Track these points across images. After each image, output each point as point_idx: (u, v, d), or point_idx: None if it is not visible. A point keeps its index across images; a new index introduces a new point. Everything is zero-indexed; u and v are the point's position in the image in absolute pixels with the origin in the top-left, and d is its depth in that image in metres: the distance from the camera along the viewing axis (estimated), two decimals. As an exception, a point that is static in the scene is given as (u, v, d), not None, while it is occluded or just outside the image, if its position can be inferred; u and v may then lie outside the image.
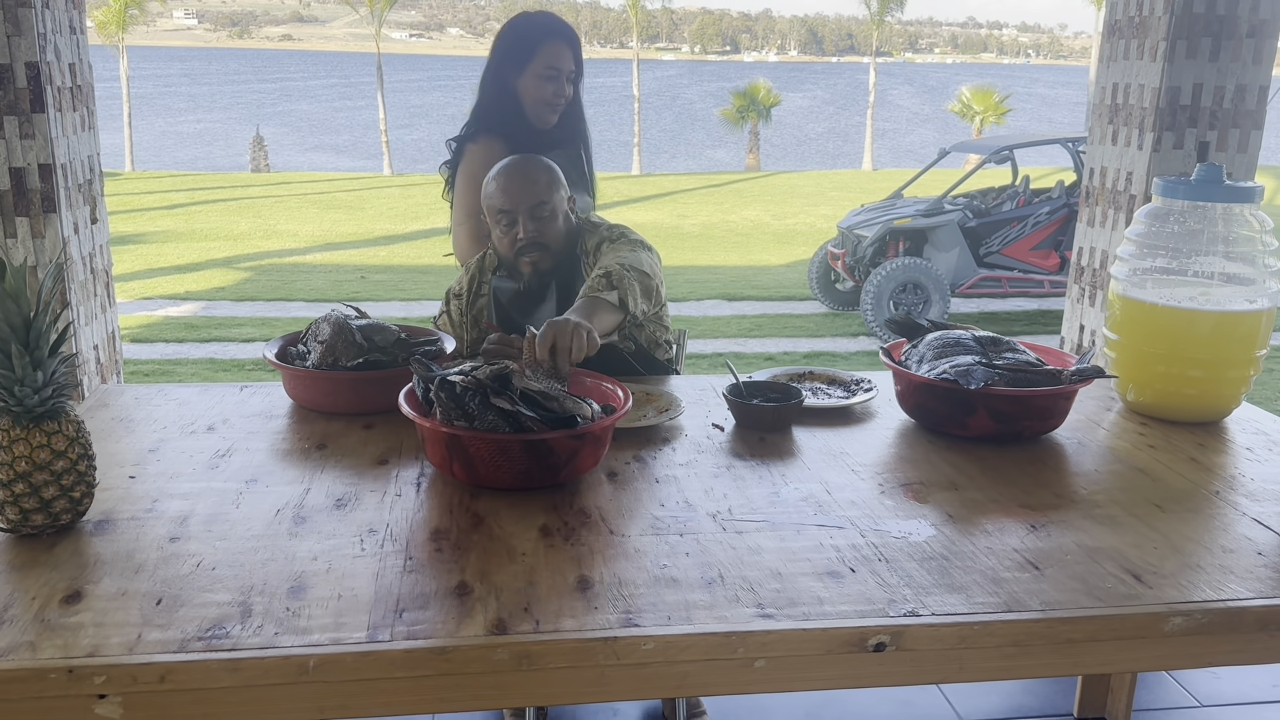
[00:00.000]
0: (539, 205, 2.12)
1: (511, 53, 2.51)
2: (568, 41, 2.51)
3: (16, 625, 1.17)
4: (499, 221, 2.14)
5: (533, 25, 2.53)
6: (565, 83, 2.50)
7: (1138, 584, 1.33)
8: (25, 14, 3.18)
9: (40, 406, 1.35)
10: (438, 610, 1.23)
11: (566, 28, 2.55)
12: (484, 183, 2.21)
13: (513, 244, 2.13)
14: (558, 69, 2.47)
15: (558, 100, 2.50)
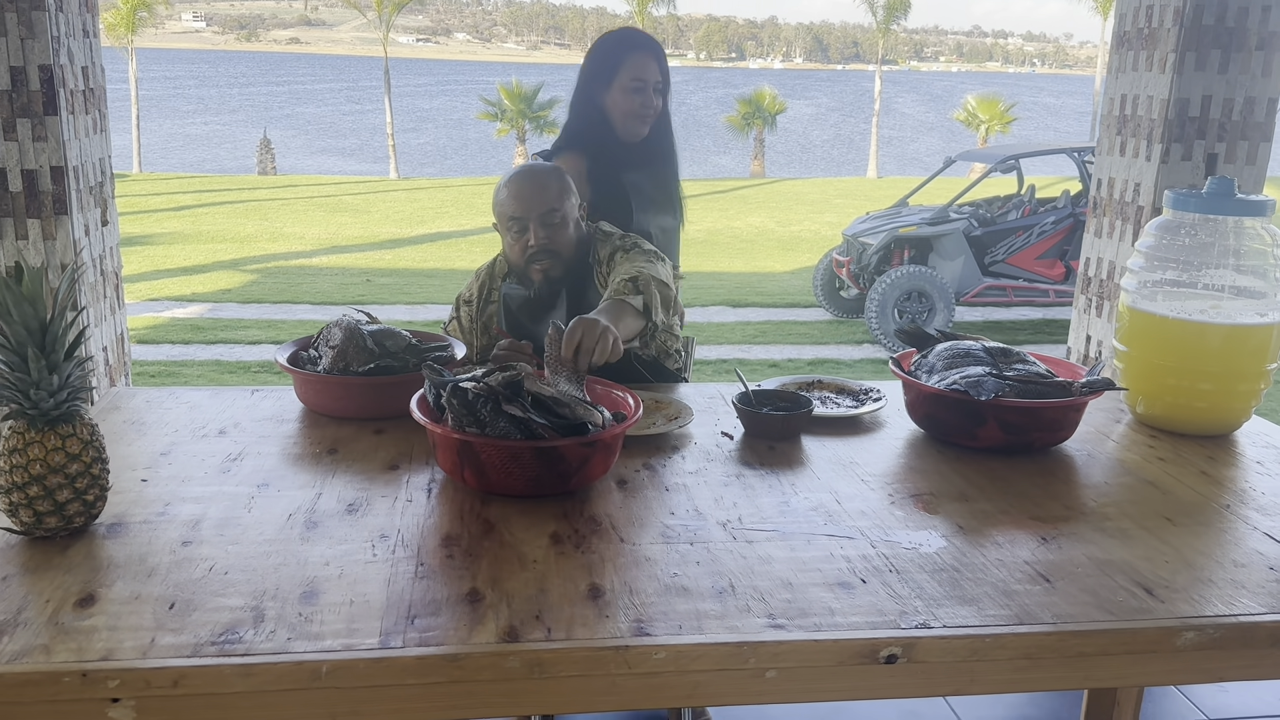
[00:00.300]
0: (550, 212, 2.12)
1: (597, 69, 2.52)
2: (652, 53, 2.51)
3: (30, 628, 1.18)
4: (510, 228, 2.15)
5: (616, 40, 2.55)
6: (652, 94, 2.50)
7: (1149, 598, 1.33)
8: (39, 17, 3.19)
9: (55, 410, 1.36)
10: (449, 617, 1.23)
11: (650, 40, 2.54)
12: (496, 190, 2.22)
13: (524, 251, 2.14)
14: (643, 80, 2.47)
15: (645, 111, 2.50)
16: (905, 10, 26.78)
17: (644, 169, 2.57)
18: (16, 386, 1.34)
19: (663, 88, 2.53)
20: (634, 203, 2.53)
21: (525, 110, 24.59)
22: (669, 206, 2.63)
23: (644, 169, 2.57)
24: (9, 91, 3.23)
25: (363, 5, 27.34)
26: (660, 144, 2.61)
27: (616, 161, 2.53)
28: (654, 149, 2.59)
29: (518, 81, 24.92)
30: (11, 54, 3.22)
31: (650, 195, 2.57)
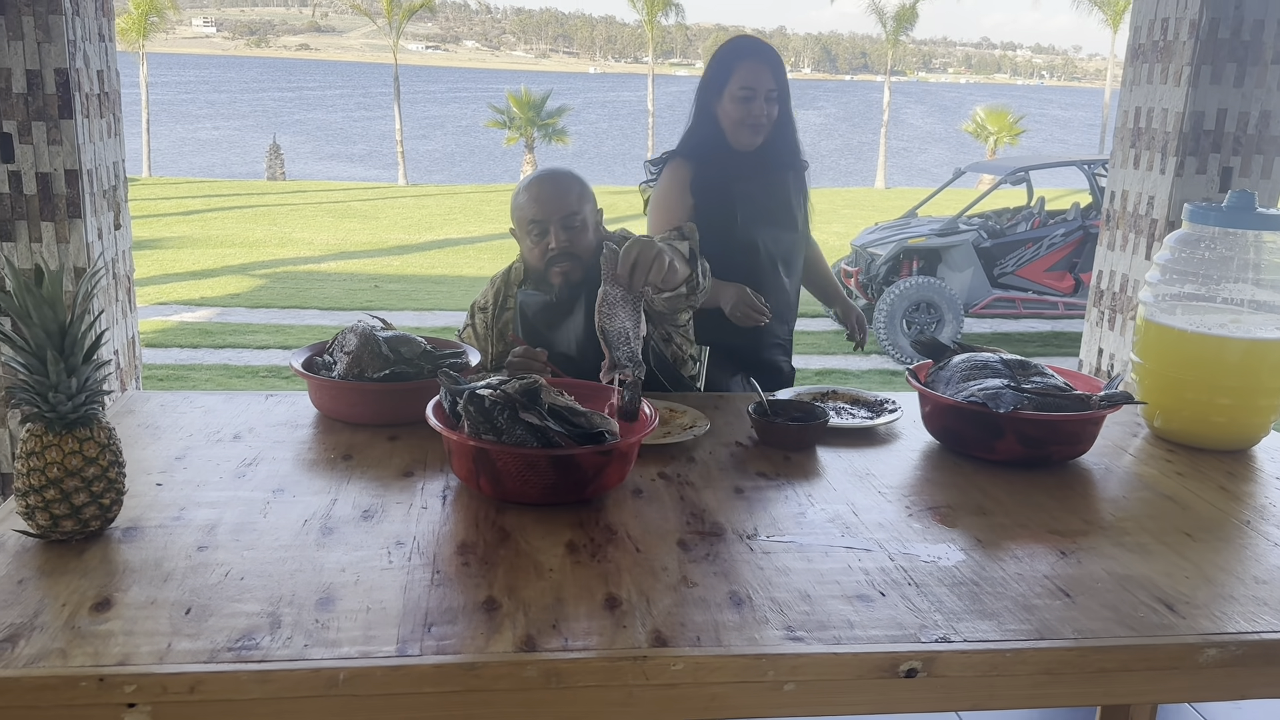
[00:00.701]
0: (570, 215, 2.13)
1: (710, 77, 2.51)
2: (765, 61, 2.47)
3: (47, 632, 1.17)
4: (530, 232, 2.15)
5: (729, 48, 2.53)
6: (763, 102, 2.46)
7: (1170, 614, 1.32)
8: (56, 21, 3.21)
9: (73, 413, 1.35)
10: (466, 625, 1.23)
11: (765, 48, 2.51)
12: (514, 195, 2.22)
13: (543, 254, 2.15)
14: (753, 88, 2.44)
15: (755, 120, 2.46)
16: (914, 21, 26.81)
17: (757, 179, 2.53)
18: (35, 389, 1.34)
19: (777, 96, 2.48)
20: (741, 213, 2.50)
21: (534, 118, 24.65)
22: (785, 218, 2.59)
23: (757, 179, 2.53)
24: (25, 95, 3.25)
25: (372, 12, 27.44)
26: (776, 153, 2.57)
27: (726, 171, 2.50)
28: (769, 158, 2.55)
29: (526, 89, 24.99)
30: (28, 57, 3.23)
31: (763, 205, 2.53)
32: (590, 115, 61.81)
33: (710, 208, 2.49)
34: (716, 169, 2.50)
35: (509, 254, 12.92)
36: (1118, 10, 25.31)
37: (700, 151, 2.52)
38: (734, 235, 2.50)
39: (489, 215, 17.58)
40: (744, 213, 2.50)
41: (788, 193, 2.60)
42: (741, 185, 2.51)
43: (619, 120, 61.88)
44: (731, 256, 2.47)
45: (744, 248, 2.52)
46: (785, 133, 2.56)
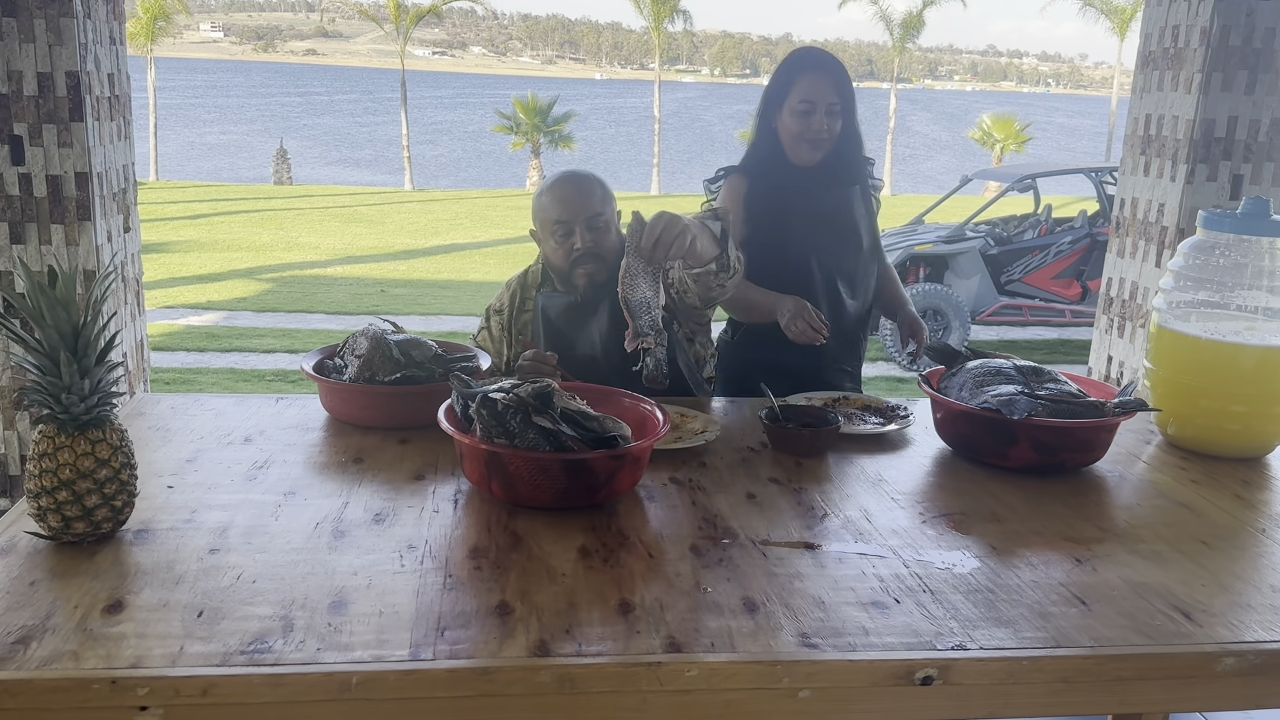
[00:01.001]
0: (595, 217, 2.16)
1: (771, 90, 2.44)
2: (827, 73, 2.39)
3: (59, 634, 1.17)
4: (555, 233, 2.17)
5: (790, 60, 2.45)
6: (823, 116, 2.37)
7: (1187, 622, 1.31)
8: (67, 24, 3.22)
9: (86, 415, 1.35)
10: (479, 630, 1.22)
11: (827, 60, 2.43)
12: (537, 196, 2.23)
13: (568, 254, 2.17)
14: (812, 102, 2.36)
15: (813, 135, 2.38)
16: (920, 29, 26.82)
17: (816, 194, 2.45)
18: (48, 391, 1.34)
19: (840, 109, 2.40)
20: (796, 229, 2.42)
21: (540, 124, 24.69)
22: (846, 236, 2.49)
23: (816, 194, 2.45)
24: (36, 97, 3.26)
25: (380, 18, 27.53)
26: (838, 169, 2.47)
27: (784, 187, 2.43)
28: (830, 174, 2.46)
29: (533, 95, 25.03)
30: (39, 60, 3.24)
31: (822, 222, 2.45)
32: (596, 121, 61.94)
33: (765, 223, 2.43)
34: (773, 183, 2.43)
35: (515, 259, 12.90)
36: (1124, 18, 25.31)
37: (759, 167, 2.46)
38: (788, 252, 2.43)
39: (495, 220, 17.60)
40: (800, 229, 2.43)
41: (851, 209, 2.50)
42: (799, 200, 2.43)
43: (625, 126, 61.98)
44: (786, 274, 2.41)
45: (799, 265, 2.44)
46: (849, 148, 2.48)
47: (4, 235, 3.34)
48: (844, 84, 2.41)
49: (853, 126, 2.46)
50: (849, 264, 2.49)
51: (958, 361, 1.98)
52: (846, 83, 2.42)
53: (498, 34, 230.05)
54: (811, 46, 2.55)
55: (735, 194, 2.46)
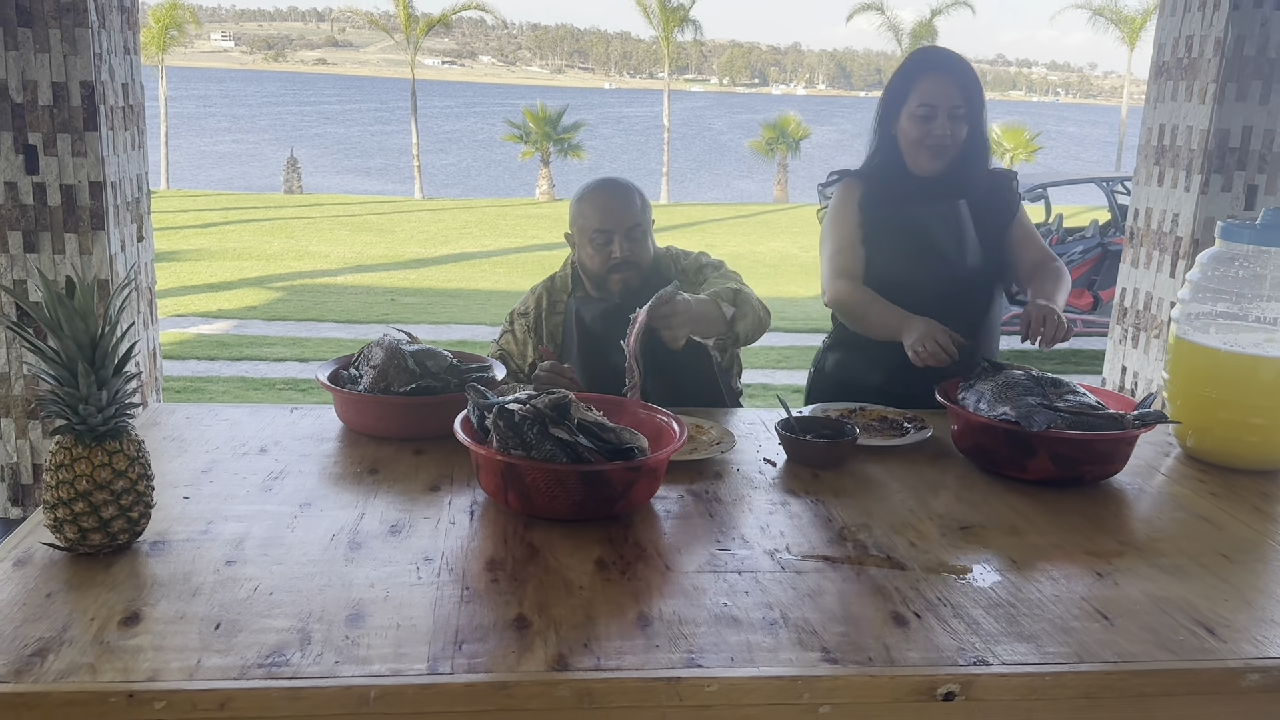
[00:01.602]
0: (634, 227, 2.21)
1: (890, 93, 2.28)
2: (949, 73, 2.20)
3: (76, 646, 1.16)
4: (594, 240, 2.20)
5: (911, 60, 2.28)
6: (945, 121, 2.19)
7: (1211, 637, 1.30)
8: (83, 34, 3.23)
9: (103, 426, 1.35)
10: (497, 643, 1.21)
11: (951, 58, 2.24)
12: (576, 201, 2.24)
13: (605, 261, 2.21)
14: (933, 105, 2.19)
15: (933, 141, 2.21)
16: (930, 38, 26.82)
17: (931, 204, 2.28)
18: (65, 402, 1.34)
19: (965, 114, 2.21)
20: (909, 240, 2.28)
21: (549, 133, 24.75)
22: (959, 249, 2.29)
23: (931, 204, 2.28)
24: (50, 107, 3.27)
25: (390, 27, 27.64)
26: (957, 179, 2.28)
27: (899, 194, 2.28)
28: (947, 184, 2.27)
29: (542, 104, 25.10)
30: (54, 70, 3.25)
31: (936, 234, 2.28)
32: (606, 130, 62.07)
33: (878, 226, 2.30)
34: (890, 191, 2.29)
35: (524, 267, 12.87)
36: (1134, 28, 25.28)
37: (876, 172, 2.32)
38: (894, 265, 2.29)
39: (505, 229, 17.63)
40: (916, 242, 2.28)
41: (959, 225, 2.30)
42: (917, 209, 2.28)
43: (634, 135, 62.11)
44: (888, 287, 2.27)
45: (902, 280, 2.28)
46: (973, 156, 2.27)
47: (18, 244, 3.35)
48: (970, 85, 2.22)
49: (979, 133, 2.27)
50: (948, 284, 2.29)
51: (974, 373, 1.97)
52: (974, 84, 2.23)
53: (507, 43, 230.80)
54: (934, 46, 2.34)
55: (849, 198, 2.32)
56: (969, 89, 2.21)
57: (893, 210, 2.29)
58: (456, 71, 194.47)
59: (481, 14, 25.99)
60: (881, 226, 2.30)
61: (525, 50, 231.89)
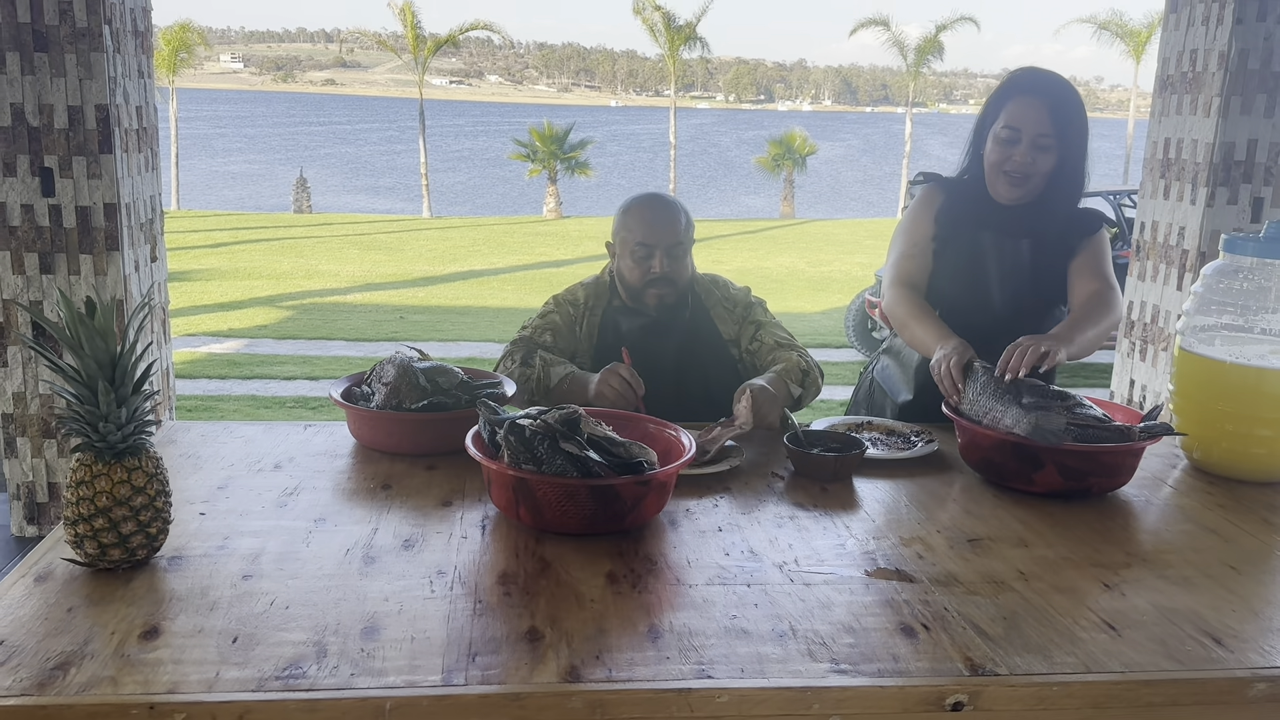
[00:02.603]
0: (676, 245, 2.24)
1: (984, 111, 2.17)
2: (1043, 97, 2.05)
3: (97, 659, 1.19)
4: (636, 253, 2.22)
5: (1010, 79, 2.15)
6: (1028, 148, 2.06)
7: (1218, 647, 1.30)
8: (98, 58, 3.28)
9: (122, 443, 1.37)
10: (510, 655, 1.23)
11: (1048, 81, 2.09)
12: (622, 212, 2.27)
13: (644, 275, 2.23)
14: (1018, 129, 2.06)
15: (1015, 168, 2.08)
16: (934, 53, 26.92)
17: (999, 237, 2.18)
18: (86, 419, 1.36)
19: (1055, 144, 2.06)
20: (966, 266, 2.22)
21: (556, 151, 24.88)
22: (1007, 290, 2.19)
23: (999, 237, 2.18)
24: (66, 130, 3.32)
25: (398, 48, 27.85)
26: (1035, 214, 2.15)
27: (973, 216, 2.19)
28: (1022, 219, 2.15)
29: (549, 123, 25.24)
30: (70, 93, 3.30)
31: (989, 269, 2.20)
32: (613, 147, 62.35)
33: (945, 241, 2.23)
34: (966, 209, 2.20)
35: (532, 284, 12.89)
36: (1139, 42, 25.33)
37: (959, 186, 2.24)
38: (946, 284, 2.24)
39: (512, 247, 17.71)
40: (968, 268, 2.21)
41: (1023, 263, 2.19)
42: (987, 236, 2.20)
43: (641, 152, 62.33)
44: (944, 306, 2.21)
45: (951, 302, 2.23)
46: (1057, 190, 2.13)
47: (35, 265, 3.40)
48: (1065, 113, 2.06)
49: (1072, 168, 2.11)
50: (990, 321, 2.20)
51: (976, 378, 1.96)
52: (1071, 112, 2.07)
53: (514, 63, 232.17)
54: (1033, 67, 2.18)
55: (929, 205, 2.25)
56: (1064, 117, 2.06)
57: (962, 231, 2.22)
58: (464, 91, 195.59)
59: (488, 34, 26.24)
60: (949, 242, 2.23)
61: (532, 69, 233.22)
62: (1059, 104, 2.06)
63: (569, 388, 2.13)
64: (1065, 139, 2.07)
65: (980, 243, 2.21)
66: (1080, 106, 2.11)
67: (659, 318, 2.26)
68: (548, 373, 2.16)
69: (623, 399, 2.02)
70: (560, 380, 2.15)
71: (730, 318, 2.34)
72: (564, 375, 2.15)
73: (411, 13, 24.92)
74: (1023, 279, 2.21)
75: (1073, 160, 2.10)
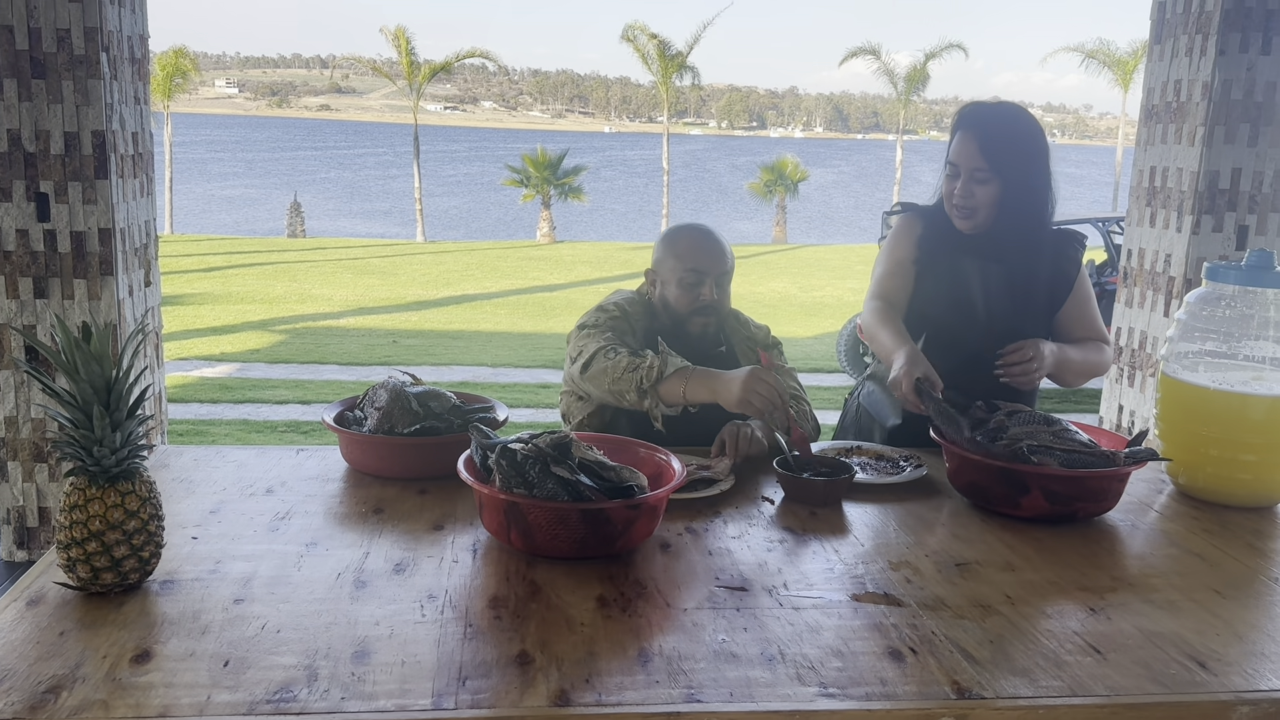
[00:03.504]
0: (724, 275, 2.27)
1: (947, 145, 2.25)
2: (975, 134, 2.16)
3: (89, 683, 1.19)
4: (685, 279, 2.23)
5: (955, 116, 2.27)
6: (969, 182, 2.16)
7: (1202, 671, 1.32)
8: (95, 85, 3.31)
9: (116, 467, 1.38)
10: (500, 679, 1.24)
11: (983, 117, 2.20)
12: (670, 240, 2.27)
13: (692, 302, 2.25)
14: (957, 165, 2.18)
15: (957, 202, 2.20)
16: (924, 82, 27.15)
17: (979, 261, 2.27)
18: (80, 444, 1.37)
19: (992, 176, 2.15)
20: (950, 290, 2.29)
21: (550, 176, 25.00)
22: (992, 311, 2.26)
23: (979, 261, 2.27)
24: (62, 156, 3.34)
25: (393, 74, 28.01)
26: (999, 240, 2.22)
27: (950, 241, 2.28)
28: (991, 244, 2.24)
29: (542, 149, 25.37)
30: (66, 120, 3.33)
31: (973, 291, 2.27)
32: (608, 173, 62.66)
33: (927, 266, 2.30)
34: (941, 238, 2.29)
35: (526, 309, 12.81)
36: (1127, 70, 25.58)
37: (935, 215, 2.33)
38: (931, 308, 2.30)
39: (506, 271, 17.75)
40: (952, 291, 2.28)
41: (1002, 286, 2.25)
42: (965, 261, 2.28)
43: (636, 178, 62.65)
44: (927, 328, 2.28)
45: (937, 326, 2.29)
46: (1016, 215, 2.19)
47: (29, 290, 3.40)
48: (999, 144, 2.15)
49: (1018, 193, 2.17)
50: (977, 342, 2.26)
51: (969, 413, 2.00)
52: (1007, 142, 2.16)
53: (508, 89, 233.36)
54: (977, 102, 2.29)
55: (909, 232, 2.32)
56: (997, 148, 2.14)
57: (945, 256, 2.29)
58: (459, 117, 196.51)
59: (484, 61, 26.37)
60: (930, 267, 2.30)
61: (526, 95, 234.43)
62: (991, 137, 2.16)
63: (690, 384, 1.98)
64: (1002, 168, 2.15)
65: (962, 266, 2.28)
66: (1024, 134, 2.19)
67: (699, 346, 2.27)
68: (666, 362, 2.01)
69: (771, 406, 1.92)
70: (676, 373, 2.00)
71: (750, 354, 2.37)
72: (681, 368, 2.01)
73: (406, 39, 25.09)
74: (1005, 300, 2.27)
75: (1019, 186, 2.17)
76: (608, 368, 2.05)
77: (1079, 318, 2.34)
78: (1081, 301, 2.34)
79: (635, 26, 25.17)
